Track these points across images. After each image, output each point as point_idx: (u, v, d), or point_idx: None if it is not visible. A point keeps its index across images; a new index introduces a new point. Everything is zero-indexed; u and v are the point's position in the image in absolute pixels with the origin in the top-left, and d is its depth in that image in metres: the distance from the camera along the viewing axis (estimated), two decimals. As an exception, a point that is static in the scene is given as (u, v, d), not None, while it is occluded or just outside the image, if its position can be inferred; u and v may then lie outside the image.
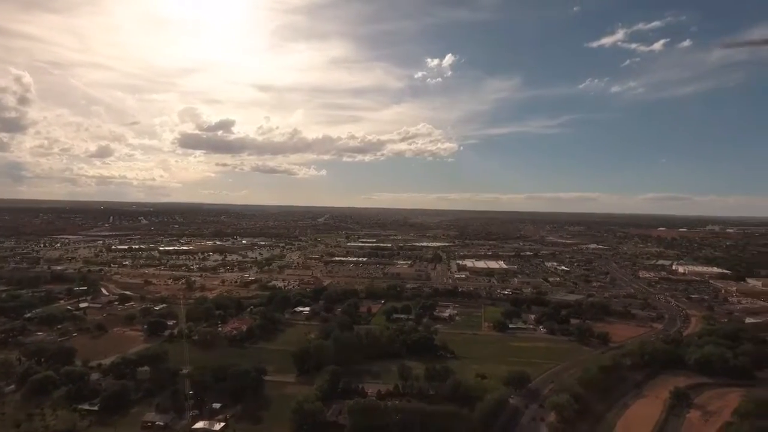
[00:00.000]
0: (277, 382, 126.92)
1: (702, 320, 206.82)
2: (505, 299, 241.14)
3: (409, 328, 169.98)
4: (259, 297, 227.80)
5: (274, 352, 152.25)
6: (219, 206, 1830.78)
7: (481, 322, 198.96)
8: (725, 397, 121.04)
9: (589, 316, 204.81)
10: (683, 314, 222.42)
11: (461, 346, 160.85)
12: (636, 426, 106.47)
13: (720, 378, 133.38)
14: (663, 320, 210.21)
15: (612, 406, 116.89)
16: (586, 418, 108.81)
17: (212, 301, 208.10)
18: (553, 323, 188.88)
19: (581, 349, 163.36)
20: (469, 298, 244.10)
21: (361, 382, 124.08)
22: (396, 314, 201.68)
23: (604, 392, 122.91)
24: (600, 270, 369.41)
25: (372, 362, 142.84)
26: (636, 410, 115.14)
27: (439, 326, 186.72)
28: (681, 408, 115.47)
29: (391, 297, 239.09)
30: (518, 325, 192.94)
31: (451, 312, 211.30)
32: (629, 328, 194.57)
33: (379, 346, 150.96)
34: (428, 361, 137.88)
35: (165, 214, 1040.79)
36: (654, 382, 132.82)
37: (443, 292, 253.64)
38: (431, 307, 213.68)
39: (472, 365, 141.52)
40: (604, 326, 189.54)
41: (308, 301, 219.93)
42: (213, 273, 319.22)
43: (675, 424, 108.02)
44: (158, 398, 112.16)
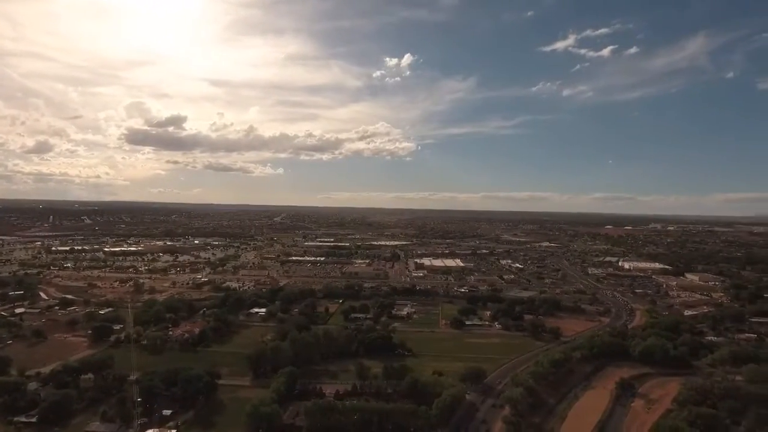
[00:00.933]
0: (232, 385, 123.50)
1: (645, 313, 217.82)
2: (462, 297, 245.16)
3: (368, 328, 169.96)
4: (212, 299, 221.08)
5: (228, 355, 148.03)
6: (170, 205, 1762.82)
7: (438, 320, 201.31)
8: (666, 386, 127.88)
9: (542, 311, 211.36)
10: (628, 308, 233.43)
11: (419, 343, 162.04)
12: (585, 416, 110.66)
13: (661, 368, 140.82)
14: (610, 314, 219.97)
15: (563, 398, 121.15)
16: (539, 410, 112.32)
17: (162, 304, 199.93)
18: (507, 319, 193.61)
19: (534, 344, 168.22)
20: (427, 296, 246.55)
21: (319, 383, 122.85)
22: (354, 314, 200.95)
23: (555, 385, 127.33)
24: (552, 267, 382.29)
25: (330, 362, 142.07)
26: (585, 401, 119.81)
27: (397, 324, 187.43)
28: (626, 397, 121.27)
29: (349, 296, 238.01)
30: (474, 321, 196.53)
31: (409, 310, 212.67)
32: (579, 322, 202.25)
33: (337, 346, 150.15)
34: (386, 359, 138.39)
35: (111, 214, 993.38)
36: (602, 373, 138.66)
37: (401, 290, 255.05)
38: (389, 305, 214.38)
39: (430, 362, 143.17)
40: (555, 321, 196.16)
41: (264, 302, 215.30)
42: (163, 274, 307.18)
43: (620, 413, 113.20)
44: (103, 407, 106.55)
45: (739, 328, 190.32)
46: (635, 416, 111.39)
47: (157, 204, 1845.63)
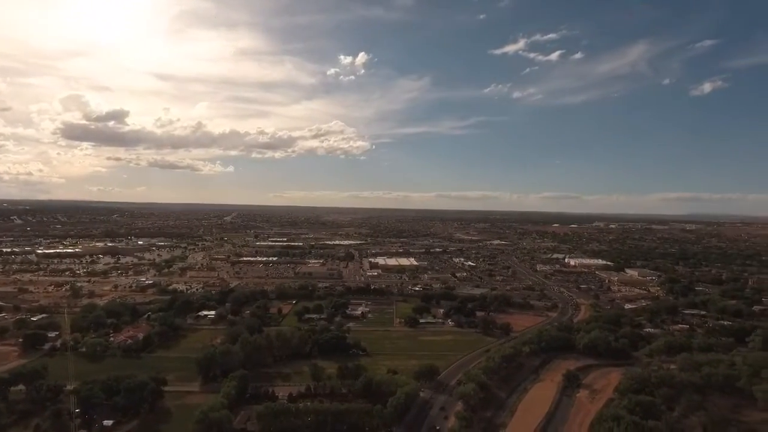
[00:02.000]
0: (179, 392, 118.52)
1: (589, 308, 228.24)
2: (416, 295, 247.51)
3: (322, 328, 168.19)
4: (157, 302, 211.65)
5: (175, 360, 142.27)
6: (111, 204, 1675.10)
7: (392, 319, 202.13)
8: (608, 376, 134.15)
9: (493, 308, 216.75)
10: (574, 303, 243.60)
11: (374, 342, 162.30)
12: (534, 408, 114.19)
13: (604, 359, 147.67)
14: (557, 309, 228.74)
15: (513, 391, 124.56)
16: (490, 404, 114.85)
17: (103, 309, 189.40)
18: (460, 316, 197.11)
19: (486, 340, 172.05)
20: (382, 295, 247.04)
21: (272, 386, 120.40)
22: (308, 314, 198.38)
23: (506, 379, 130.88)
24: (503, 264, 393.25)
25: (283, 364, 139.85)
26: (534, 393, 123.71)
27: (351, 324, 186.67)
28: (572, 388, 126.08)
29: (302, 297, 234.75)
30: (428, 319, 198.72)
31: (364, 309, 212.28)
32: (528, 317, 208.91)
33: (290, 348, 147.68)
34: (341, 359, 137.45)
35: (45, 213, 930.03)
36: (549, 366, 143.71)
37: (356, 290, 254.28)
38: (344, 305, 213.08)
39: (384, 361, 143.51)
40: (506, 317, 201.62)
41: (213, 304, 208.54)
42: (103, 277, 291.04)
43: (567, 404, 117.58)
44: (37, 420, 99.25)
45: (674, 319, 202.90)
46: (580, 406, 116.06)
47: (97, 203, 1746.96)
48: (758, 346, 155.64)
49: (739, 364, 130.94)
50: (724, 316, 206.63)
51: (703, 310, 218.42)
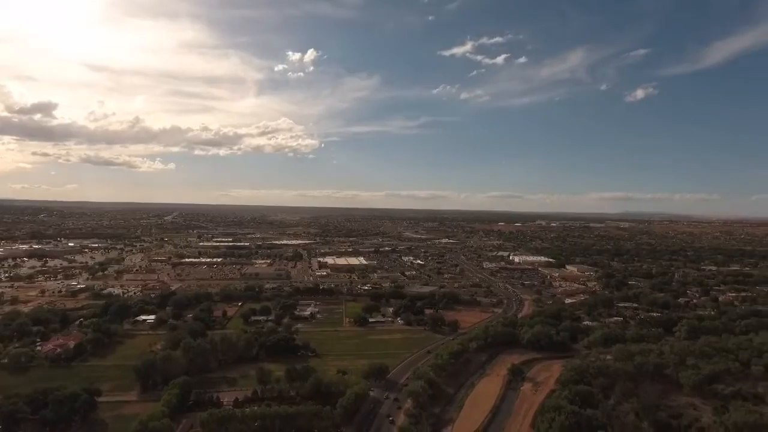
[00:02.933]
0: (115, 402, 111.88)
1: (533, 303, 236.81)
2: (366, 294, 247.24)
3: (269, 330, 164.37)
4: (90, 307, 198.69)
5: (111, 368, 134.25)
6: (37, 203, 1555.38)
7: (342, 319, 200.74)
8: (550, 368, 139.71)
9: (442, 305, 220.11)
10: (518, 299, 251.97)
11: (323, 343, 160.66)
12: (481, 402, 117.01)
13: (547, 352, 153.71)
14: (503, 305, 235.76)
15: (461, 387, 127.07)
16: (439, 400, 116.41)
17: (27, 316, 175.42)
18: (409, 315, 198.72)
19: (434, 337, 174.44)
20: (331, 295, 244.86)
21: (217, 392, 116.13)
22: (254, 316, 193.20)
23: (454, 375, 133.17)
24: (451, 262, 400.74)
25: (229, 369, 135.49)
26: (481, 388, 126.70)
27: (300, 325, 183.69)
28: (516, 381, 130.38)
29: (249, 298, 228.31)
30: (378, 318, 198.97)
31: (313, 310, 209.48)
32: (475, 314, 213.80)
33: (236, 351, 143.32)
34: (289, 361, 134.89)
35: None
36: (495, 361, 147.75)
37: (304, 290, 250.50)
38: (292, 306, 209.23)
39: (334, 362, 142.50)
40: (454, 314, 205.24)
41: (153, 308, 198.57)
42: (29, 282, 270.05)
43: (512, 397, 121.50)
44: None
45: (609, 312, 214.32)
46: (524, 398, 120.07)
47: (21, 202, 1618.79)
48: (683, 335, 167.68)
49: (667, 352, 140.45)
50: (654, 308, 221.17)
51: (635, 302, 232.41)
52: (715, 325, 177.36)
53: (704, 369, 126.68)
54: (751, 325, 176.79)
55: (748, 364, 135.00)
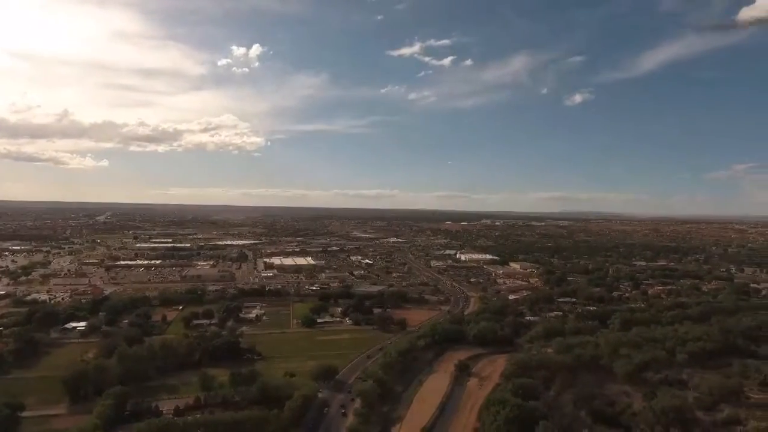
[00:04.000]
0: (42, 416, 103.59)
1: (478, 300, 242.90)
2: (314, 295, 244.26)
3: (212, 334, 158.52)
4: (12, 315, 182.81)
5: (36, 380, 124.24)
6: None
7: (289, 320, 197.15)
8: (495, 363, 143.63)
9: (390, 304, 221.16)
10: (465, 296, 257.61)
11: (270, 346, 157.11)
12: (428, 398, 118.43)
13: (491, 347, 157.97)
14: (450, 303, 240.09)
15: (409, 385, 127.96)
16: (387, 399, 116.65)
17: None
18: (358, 314, 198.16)
19: (383, 336, 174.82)
20: (278, 296, 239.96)
21: (156, 400, 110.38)
22: (197, 320, 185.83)
23: (402, 373, 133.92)
24: (399, 261, 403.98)
25: (169, 376, 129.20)
26: (428, 385, 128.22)
27: (245, 328, 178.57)
28: (463, 377, 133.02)
29: (190, 302, 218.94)
30: (326, 319, 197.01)
31: (259, 312, 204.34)
32: (423, 312, 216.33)
33: (177, 357, 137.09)
34: (234, 366, 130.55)
35: None
36: (443, 358, 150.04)
37: (250, 292, 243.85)
38: (236, 308, 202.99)
39: (281, 364, 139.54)
40: (402, 313, 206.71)
41: (84, 314, 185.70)
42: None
43: (458, 392, 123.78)
44: None
45: (550, 307, 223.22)
46: (471, 393, 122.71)
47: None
48: (617, 327, 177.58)
49: (603, 344, 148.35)
50: (591, 302, 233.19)
51: (574, 297, 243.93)
52: (645, 317, 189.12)
53: (635, 358, 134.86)
54: (676, 316, 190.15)
55: (673, 352, 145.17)
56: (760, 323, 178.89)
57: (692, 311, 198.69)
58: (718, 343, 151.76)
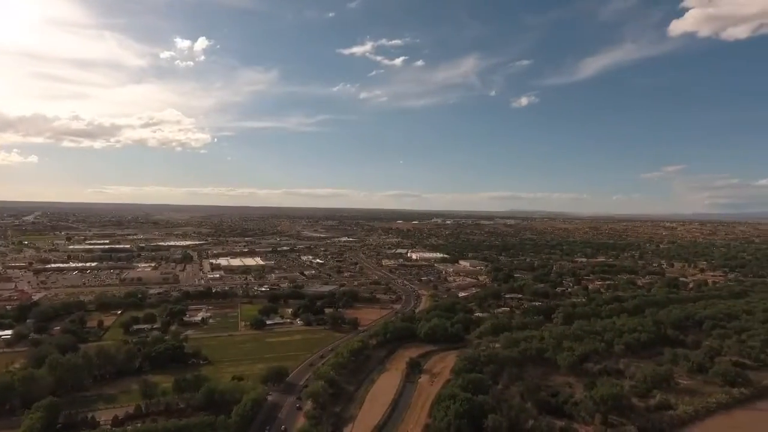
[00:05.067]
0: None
1: (429, 298, 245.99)
2: (263, 296, 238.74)
3: (154, 339, 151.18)
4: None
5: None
6: None
7: (237, 322, 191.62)
8: (446, 360, 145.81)
9: (342, 304, 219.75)
10: (416, 294, 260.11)
11: (216, 350, 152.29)
12: (380, 397, 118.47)
13: (442, 344, 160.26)
14: (401, 301, 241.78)
15: (361, 384, 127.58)
16: (339, 399, 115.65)
17: None
18: (309, 315, 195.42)
19: (335, 336, 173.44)
20: (225, 298, 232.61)
21: (92, 411, 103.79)
22: (137, 325, 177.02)
23: (355, 372, 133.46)
24: (351, 261, 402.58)
25: (107, 385, 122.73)
26: (380, 383, 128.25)
27: (190, 332, 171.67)
28: (414, 374, 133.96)
29: (130, 306, 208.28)
30: (276, 320, 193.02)
31: (205, 315, 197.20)
32: (375, 311, 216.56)
33: (115, 365, 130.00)
34: (178, 372, 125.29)
35: None
36: (394, 356, 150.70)
37: (195, 294, 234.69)
38: (181, 312, 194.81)
39: (229, 368, 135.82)
40: (354, 312, 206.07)
41: (10, 322, 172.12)
42: None
43: (410, 389, 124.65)
44: None
45: (498, 303, 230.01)
46: (422, 390, 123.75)
47: None
48: (560, 321, 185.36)
49: (547, 337, 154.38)
50: (536, 297, 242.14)
51: (520, 293, 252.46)
52: (586, 311, 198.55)
53: (577, 350, 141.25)
54: (614, 310, 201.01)
55: (611, 343, 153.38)
56: (687, 314, 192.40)
57: (628, 304, 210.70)
58: (651, 334, 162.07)
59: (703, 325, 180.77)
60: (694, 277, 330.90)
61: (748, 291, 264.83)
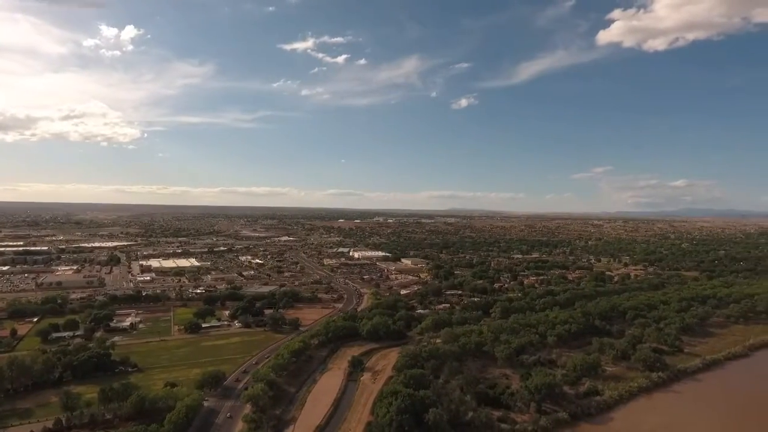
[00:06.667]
0: None
1: (371, 296, 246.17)
2: (198, 298, 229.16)
3: (77, 347, 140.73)
4: None
5: None
6: None
7: (170, 327, 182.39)
8: (388, 357, 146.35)
9: (282, 304, 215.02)
10: (358, 293, 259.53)
11: (147, 356, 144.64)
12: (322, 397, 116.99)
13: (384, 342, 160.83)
14: (343, 300, 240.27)
15: (303, 385, 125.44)
16: (280, 401, 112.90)
17: None
18: (248, 316, 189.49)
19: (275, 337, 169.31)
20: (156, 302, 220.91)
21: (4, 427, 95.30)
22: (57, 332, 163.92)
23: (296, 373, 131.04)
24: (291, 260, 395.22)
25: (22, 398, 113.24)
26: (322, 383, 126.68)
27: (118, 338, 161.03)
28: (357, 373, 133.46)
29: (48, 312, 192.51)
30: (212, 323, 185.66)
31: (134, 320, 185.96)
32: (316, 311, 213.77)
33: (31, 376, 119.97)
34: (105, 380, 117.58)
35: None
36: (337, 355, 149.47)
37: (123, 298, 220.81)
38: (107, 317, 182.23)
39: (161, 375, 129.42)
40: (295, 312, 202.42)
41: None
42: None
43: (352, 388, 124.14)
44: None
45: (439, 300, 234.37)
46: (364, 388, 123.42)
47: None
48: (498, 315, 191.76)
49: (485, 332, 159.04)
50: (475, 293, 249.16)
51: (460, 290, 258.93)
52: (521, 305, 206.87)
53: (513, 343, 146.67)
54: (547, 303, 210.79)
55: (545, 335, 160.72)
56: (613, 306, 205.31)
57: (560, 298, 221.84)
58: (581, 325, 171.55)
59: (627, 315, 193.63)
60: (619, 271, 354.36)
61: (665, 283, 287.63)
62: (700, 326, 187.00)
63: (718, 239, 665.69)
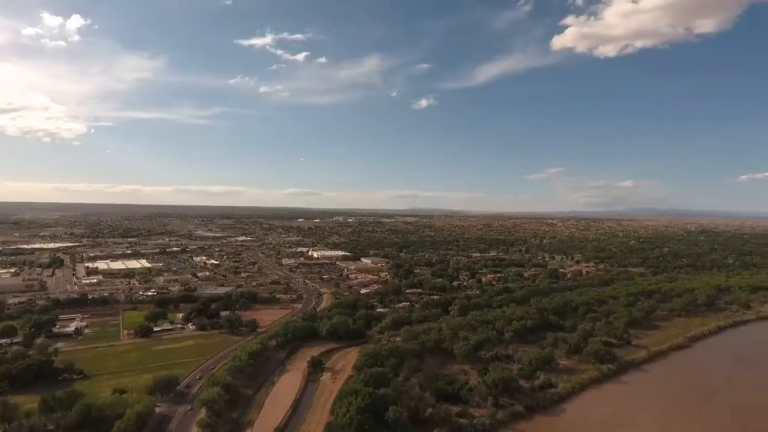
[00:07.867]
0: None
1: (331, 296, 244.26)
2: (150, 301, 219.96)
3: (15, 354, 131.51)
4: None
5: None
6: None
7: (119, 331, 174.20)
8: (348, 356, 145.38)
9: (239, 306, 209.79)
10: (318, 293, 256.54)
11: (94, 362, 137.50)
12: (281, 399, 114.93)
13: (344, 341, 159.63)
14: (302, 300, 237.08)
15: (261, 387, 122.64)
16: (237, 404, 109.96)
17: None
18: (202, 318, 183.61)
19: (232, 339, 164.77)
20: (104, 305, 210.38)
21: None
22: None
23: (253, 376, 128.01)
24: (248, 261, 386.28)
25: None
26: (281, 385, 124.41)
27: (61, 344, 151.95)
28: (316, 373, 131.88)
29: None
30: (164, 326, 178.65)
31: (79, 324, 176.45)
32: (275, 311, 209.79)
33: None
34: (47, 389, 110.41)
35: None
36: (296, 356, 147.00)
37: (67, 302, 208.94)
38: (48, 322, 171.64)
39: (110, 381, 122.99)
40: (252, 313, 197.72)
41: None
42: None
43: (312, 389, 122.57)
44: None
45: (399, 298, 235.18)
46: (324, 388, 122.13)
47: None
48: (457, 313, 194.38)
49: (444, 329, 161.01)
50: (434, 291, 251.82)
51: (420, 288, 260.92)
52: (479, 302, 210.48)
53: (471, 339, 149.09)
54: (504, 300, 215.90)
55: (502, 331, 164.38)
56: (566, 301, 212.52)
57: (516, 295, 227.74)
58: (536, 321, 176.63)
59: (579, 310, 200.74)
60: (572, 268, 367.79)
61: (614, 279, 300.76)
62: (646, 319, 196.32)
63: (662, 237, 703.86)
